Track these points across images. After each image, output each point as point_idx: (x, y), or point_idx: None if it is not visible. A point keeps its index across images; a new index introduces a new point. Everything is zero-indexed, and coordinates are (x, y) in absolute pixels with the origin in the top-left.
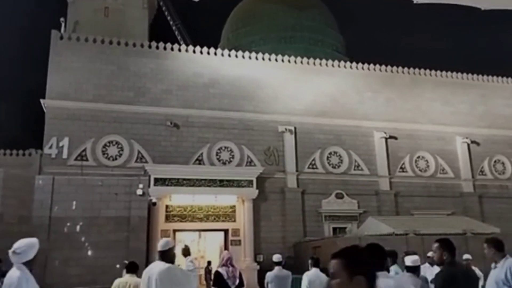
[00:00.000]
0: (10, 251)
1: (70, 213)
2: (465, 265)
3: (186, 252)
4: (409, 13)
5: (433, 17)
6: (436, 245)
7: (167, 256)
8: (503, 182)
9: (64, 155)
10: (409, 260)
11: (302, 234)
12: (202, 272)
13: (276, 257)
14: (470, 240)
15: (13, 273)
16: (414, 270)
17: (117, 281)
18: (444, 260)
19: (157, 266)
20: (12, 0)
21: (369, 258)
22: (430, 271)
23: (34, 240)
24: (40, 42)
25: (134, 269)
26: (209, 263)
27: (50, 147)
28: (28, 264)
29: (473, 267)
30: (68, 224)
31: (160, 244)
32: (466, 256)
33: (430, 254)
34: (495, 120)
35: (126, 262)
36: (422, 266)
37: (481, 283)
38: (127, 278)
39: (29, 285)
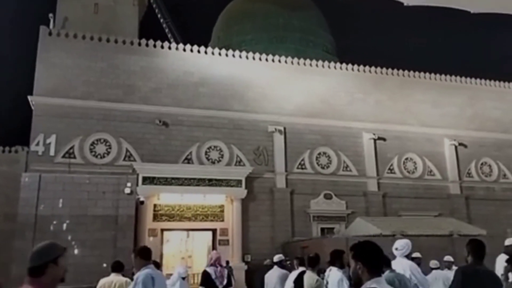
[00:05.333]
0: (393, 248)
1: (56, 211)
2: (488, 269)
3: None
4: (399, 15)
5: (423, 20)
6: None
7: None
8: (490, 185)
9: (51, 153)
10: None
11: (291, 234)
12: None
13: (277, 257)
14: (457, 241)
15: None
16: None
17: (102, 281)
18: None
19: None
20: None
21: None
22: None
23: (407, 240)
24: (28, 38)
25: (119, 268)
26: (227, 263)
27: (37, 144)
28: (408, 257)
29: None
30: (55, 222)
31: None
32: (448, 258)
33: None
34: (483, 122)
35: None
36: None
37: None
38: (112, 277)
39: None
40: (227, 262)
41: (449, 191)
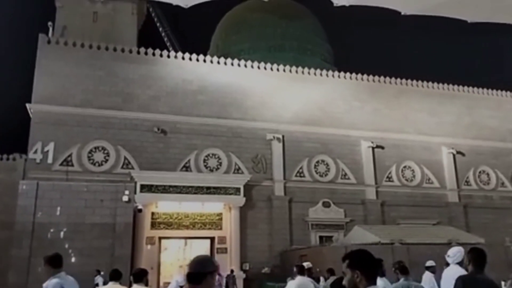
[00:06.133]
0: (446, 255)
1: (54, 219)
2: (488, 278)
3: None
4: (396, 24)
5: (421, 29)
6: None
7: None
8: (488, 193)
9: (49, 160)
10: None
11: (289, 243)
12: None
13: (305, 265)
14: None
15: (454, 269)
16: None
17: None
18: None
19: None
20: None
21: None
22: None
23: (460, 247)
24: (27, 46)
25: (117, 277)
26: (232, 271)
27: (35, 152)
28: (461, 264)
29: None
30: (52, 230)
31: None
32: (429, 263)
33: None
34: (481, 131)
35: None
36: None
37: None
38: (110, 286)
39: None
40: (231, 271)
41: (447, 199)
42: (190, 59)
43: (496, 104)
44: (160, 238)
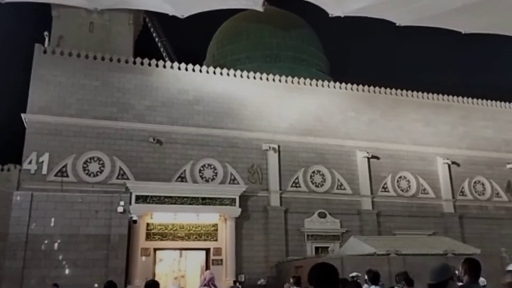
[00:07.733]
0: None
1: (48, 230)
2: None
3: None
4: (392, 34)
5: (416, 39)
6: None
7: None
8: (483, 203)
9: (44, 171)
10: None
11: (285, 254)
12: None
13: (356, 273)
14: (451, 260)
15: None
16: None
17: None
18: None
19: None
20: None
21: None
22: None
23: None
24: (22, 55)
25: None
26: (234, 282)
27: (30, 163)
28: None
29: None
30: (46, 241)
31: None
32: None
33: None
34: (475, 141)
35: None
36: None
37: None
38: None
39: None
40: (234, 282)
41: (442, 210)
42: (186, 69)
43: (491, 114)
44: (155, 249)
